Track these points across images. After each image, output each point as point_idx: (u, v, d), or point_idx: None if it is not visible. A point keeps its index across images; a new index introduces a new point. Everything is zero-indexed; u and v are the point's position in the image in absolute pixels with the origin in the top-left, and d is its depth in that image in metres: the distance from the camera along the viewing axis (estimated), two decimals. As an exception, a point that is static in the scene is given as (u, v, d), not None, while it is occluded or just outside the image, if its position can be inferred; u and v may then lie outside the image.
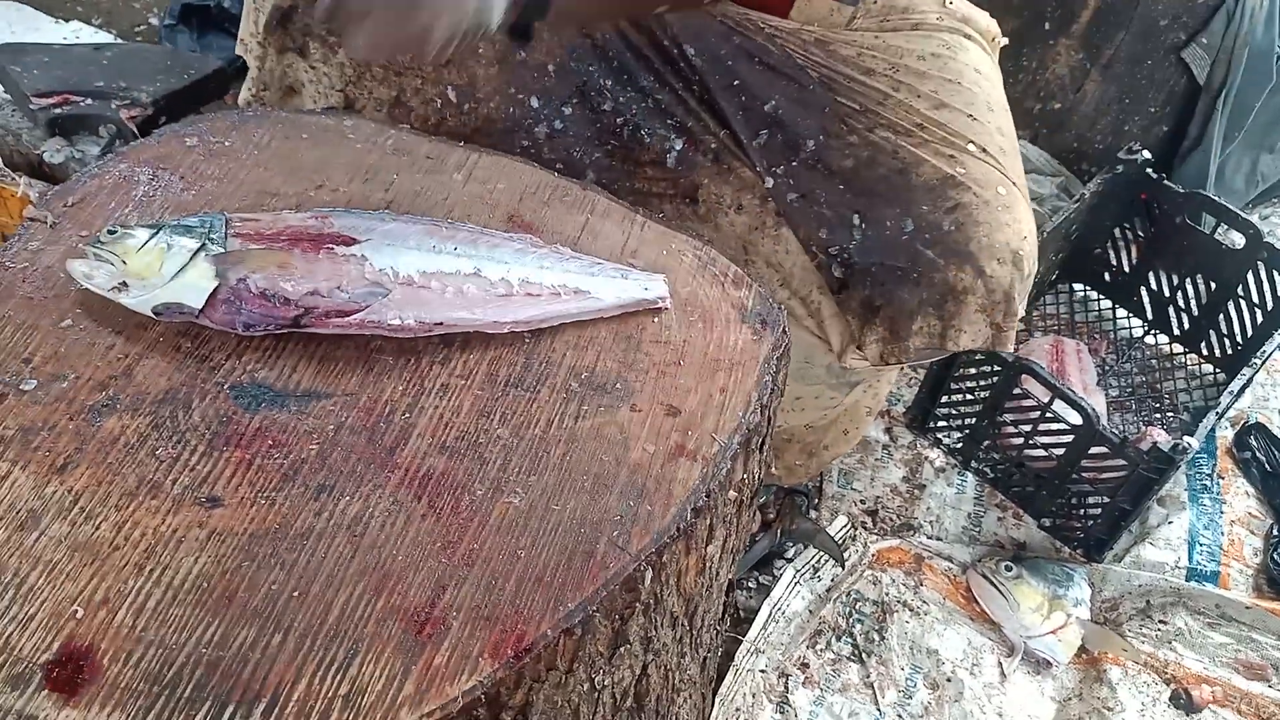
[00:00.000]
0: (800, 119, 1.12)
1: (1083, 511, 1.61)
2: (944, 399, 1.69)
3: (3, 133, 1.45)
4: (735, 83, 1.16)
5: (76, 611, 0.72)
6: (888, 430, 1.75)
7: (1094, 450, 1.52)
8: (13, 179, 1.34)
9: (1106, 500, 1.55)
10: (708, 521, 0.86)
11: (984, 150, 1.11)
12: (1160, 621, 1.55)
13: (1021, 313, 1.14)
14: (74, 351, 0.86)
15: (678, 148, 1.20)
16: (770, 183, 1.17)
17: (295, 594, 0.74)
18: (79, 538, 0.75)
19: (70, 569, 0.74)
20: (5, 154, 1.48)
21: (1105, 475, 1.54)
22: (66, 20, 2.28)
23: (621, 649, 0.81)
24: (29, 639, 0.70)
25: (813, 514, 1.61)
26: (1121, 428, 1.82)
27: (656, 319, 0.96)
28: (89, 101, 1.42)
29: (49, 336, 0.87)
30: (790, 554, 1.54)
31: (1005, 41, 1.27)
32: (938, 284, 1.08)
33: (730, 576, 1.06)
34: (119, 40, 2.26)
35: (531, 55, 1.18)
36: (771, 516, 1.56)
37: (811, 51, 1.16)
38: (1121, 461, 1.49)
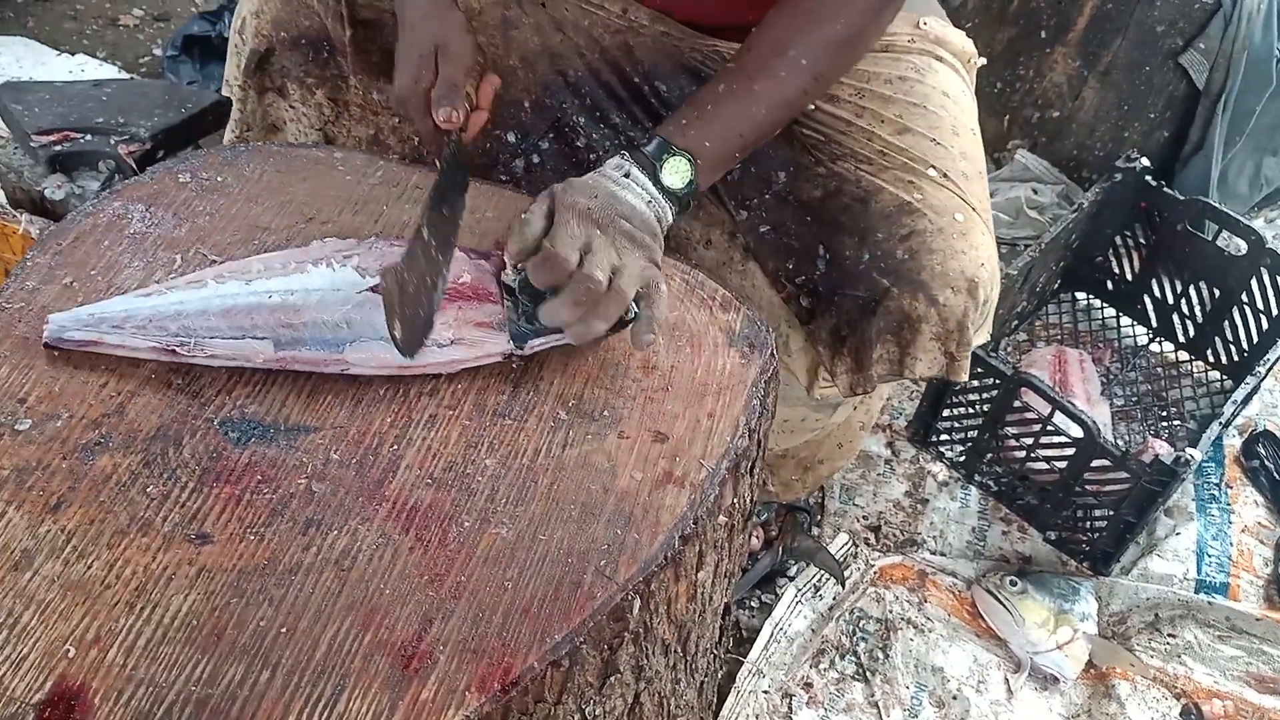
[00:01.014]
0: (771, 152, 1.13)
1: (1088, 524, 1.60)
2: (946, 412, 1.69)
3: (5, 170, 1.47)
4: None
5: (68, 651, 0.72)
6: (890, 445, 1.74)
7: (1096, 463, 1.51)
8: (14, 216, 1.36)
9: (1111, 513, 1.54)
10: (697, 548, 0.86)
11: (945, 175, 1.11)
12: (1169, 635, 1.53)
13: (978, 341, 1.13)
14: (68, 390, 0.87)
15: None
16: (744, 215, 1.17)
17: (283, 630, 0.74)
18: (71, 577, 0.76)
19: (63, 608, 0.74)
20: (8, 191, 1.50)
21: (1109, 488, 1.53)
22: (72, 54, 2.31)
23: (612, 679, 0.81)
24: (21, 679, 0.71)
25: (815, 531, 1.60)
26: (1127, 437, 1.81)
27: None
28: (88, 138, 1.44)
29: (44, 376, 0.88)
30: (792, 572, 1.54)
31: (982, 62, 1.27)
32: (894, 312, 1.07)
33: (727, 599, 1.06)
34: (123, 72, 2.29)
35: (507, 92, 1.19)
36: (773, 534, 1.56)
37: None
38: (1124, 474, 1.49)
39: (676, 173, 0.96)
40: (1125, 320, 2.00)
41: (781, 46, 1.00)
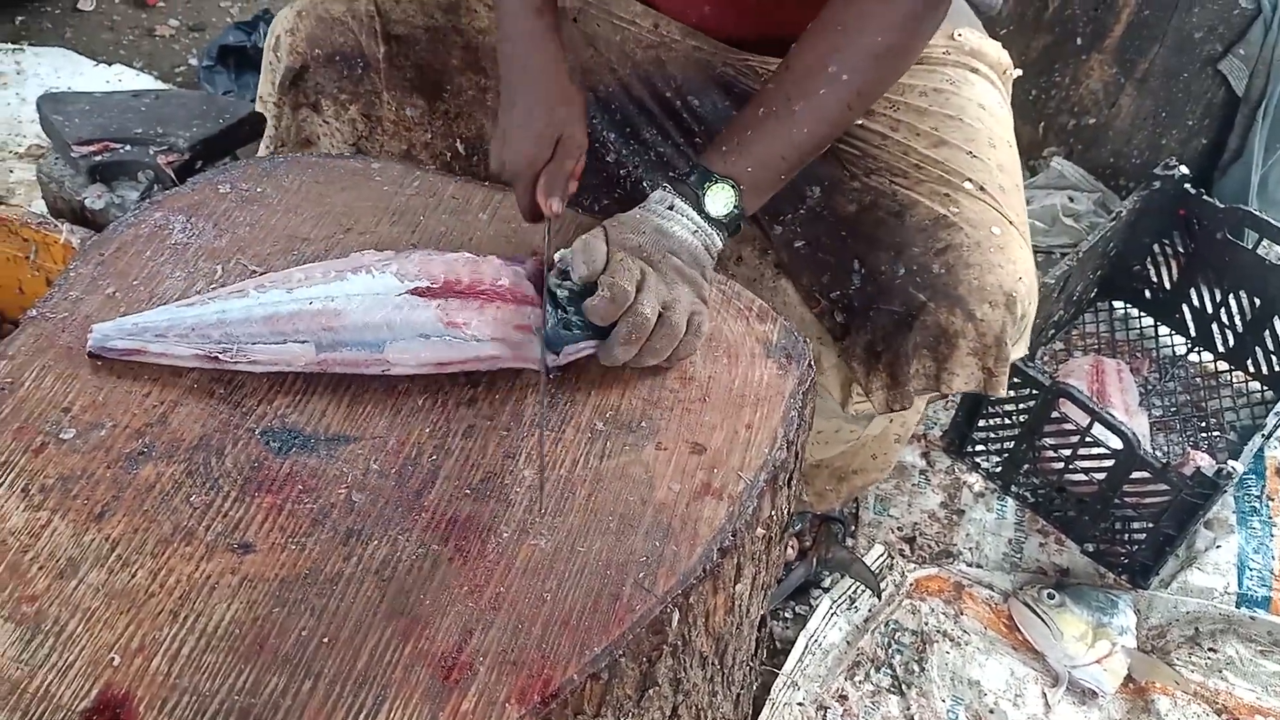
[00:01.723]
0: (806, 167, 1.12)
1: (1127, 536, 1.58)
2: (981, 423, 1.68)
3: (46, 180, 1.49)
4: None
5: (114, 659, 0.73)
6: (925, 455, 1.73)
7: (1136, 475, 1.49)
8: (56, 226, 1.38)
9: (1151, 525, 1.52)
10: (735, 560, 0.86)
11: (981, 188, 1.09)
12: (1210, 649, 1.51)
13: (1015, 355, 1.12)
14: (112, 400, 0.88)
15: None
16: (778, 230, 1.17)
17: (324, 640, 0.75)
18: (116, 585, 0.77)
19: (107, 617, 0.75)
20: (49, 201, 1.51)
21: (1148, 500, 1.51)
22: (109, 64, 2.34)
23: (650, 691, 0.81)
24: (68, 687, 0.72)
25: (849, 542, 1.59)
26: (1166, 449, 1.78)
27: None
28: (128, 148, 1.45)
29: (87, 385, 0.89)
30: (826, 583, 1.53)
31: (1018, 73, 1.26)
32: (930, 327, 1.06)
33: (763, 611, 1.06)
34: (159, 82, 2.31)
35: None
36: (807, 544, 1.55)
37: None
38: (1164, 486, 1.47)
39: (720, 200, 0.96)
40: (1163, 329, 1.97)
41: (820, 63, 0.99)
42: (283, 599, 0.76)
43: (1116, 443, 1.48)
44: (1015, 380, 1.57)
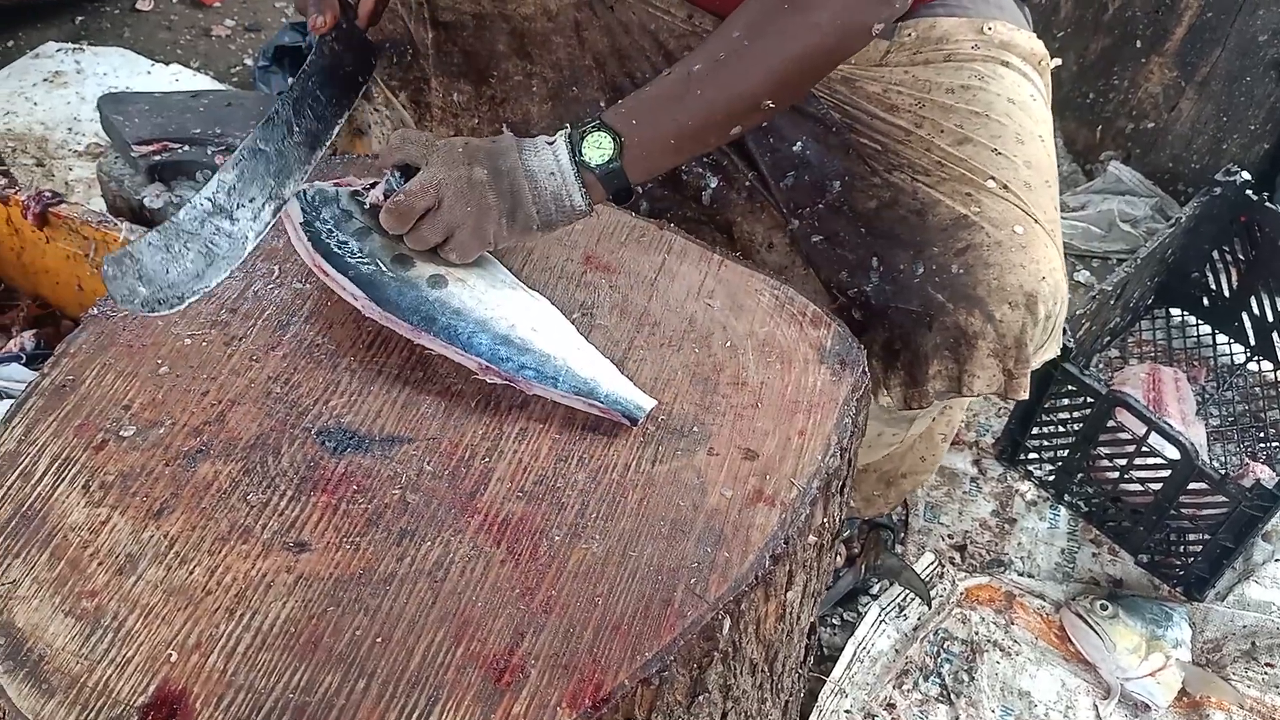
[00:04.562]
0: (826, 161, 1.09)
1: (1183, 548, 1.55)
2: (1035, 430, 1.65)
3: (106, 179, 1.52)
4: (764, 124, 1.15)
5: (171, 655, 0.74)
6: (976, 462, 1.71)
7: (1193, 485, 1.46)
8: (115, 225, 1.40)
9: (1207, 537, 1.49)
10: (787, 568, 0.85)
11: (1004, 186, 1.07)
12: (1266, 664, 1.48)
13: (1047, 356, 1.09)
14: (170, 398, 0.89)
15: (713, 185, 1.21)
16: (795, 224, 1.16)
17: (378, 640, 0.75)
18: (174, 582, 0.78)
19: (165, 613, 0.76)
20: (109, 199, 1.54)
21: (1205, 511, 1.48)
22: (167, 64, 2.38)
23: (700, 697, 0.81)
24: (126, 682, 0.73)
25: (899, 549, 1.58)
26: (1223, 459, 1.74)
27: (735, 359, 0.96)
28: (186, 148, 1.48)
29: (147, 383, 0.90)
30: (875, 590, 1.52)
31: (1057, 63, 1.22)
32: (949, 328, 1.05)
33: (812, 619, 1.05)
34: (216, 82, 2.34)
35: (584, 91, 1.19)
36: (856, 551, 1.53)
37: (837, 90, 1.15)
38: (1222, 498, 1.43)
39: (597, 148, 0.93)
40: (1222, 338, 1.93)
41: (738, 46, 0.94)
42: (337, 598, 0.77)
43: (1173, 452, 1.45)
44: (1070, 388, 1.54)
